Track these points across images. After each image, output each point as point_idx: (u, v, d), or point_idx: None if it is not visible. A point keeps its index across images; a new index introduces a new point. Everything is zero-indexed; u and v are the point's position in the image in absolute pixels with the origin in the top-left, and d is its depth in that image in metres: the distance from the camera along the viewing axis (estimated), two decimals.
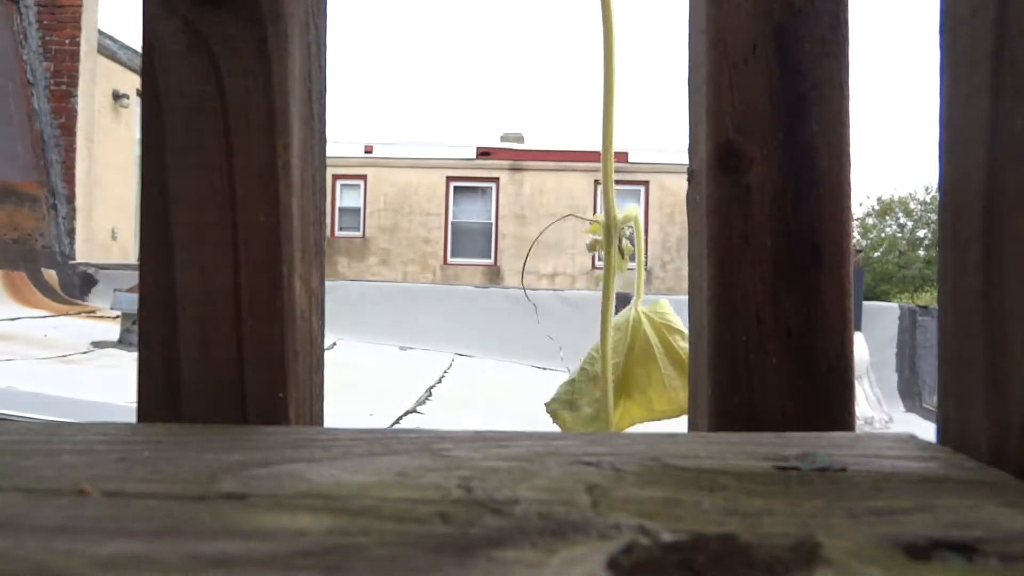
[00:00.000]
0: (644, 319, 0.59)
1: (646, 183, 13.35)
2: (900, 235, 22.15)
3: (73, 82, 7.43)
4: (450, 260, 14.04)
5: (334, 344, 5.68)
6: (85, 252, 7.61)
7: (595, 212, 0.58)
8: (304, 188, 0.38)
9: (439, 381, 4.76)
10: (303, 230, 0.38)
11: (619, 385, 0.58)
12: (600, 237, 0.57)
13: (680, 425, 0.46)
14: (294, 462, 0.29)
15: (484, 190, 14.05)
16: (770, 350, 0.39)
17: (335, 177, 13.77)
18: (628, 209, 0.58)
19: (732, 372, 0.39)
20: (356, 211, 14.18)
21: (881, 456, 0.31)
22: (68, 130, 7.41)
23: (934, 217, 20.74)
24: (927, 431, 0.32)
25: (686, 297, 0.45)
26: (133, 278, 5.91)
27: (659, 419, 0.59)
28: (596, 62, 0.56)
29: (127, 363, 4.24)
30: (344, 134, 14.80)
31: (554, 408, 0.59)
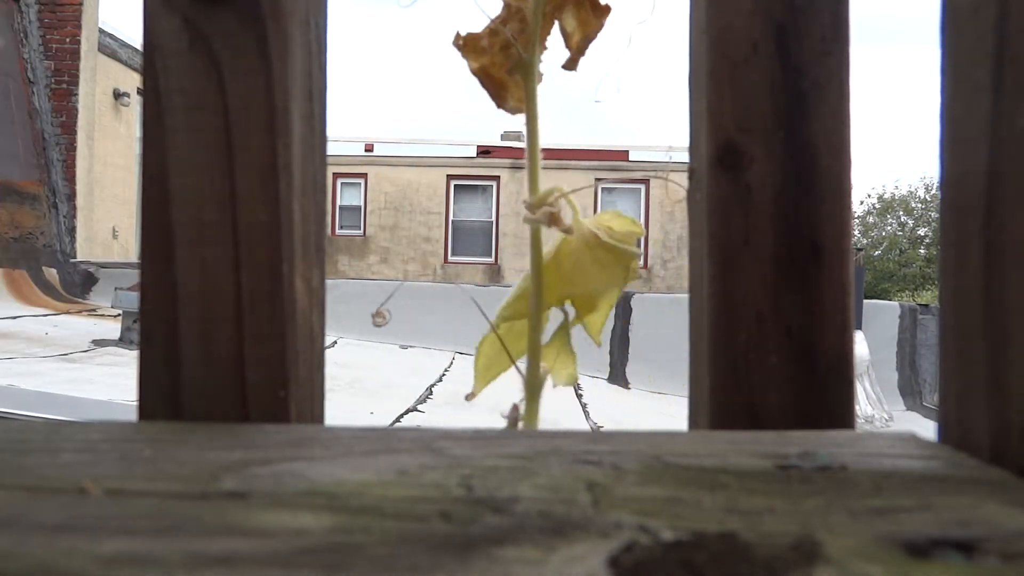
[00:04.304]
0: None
1: (646, 182, 13.33)
2: (901, 233, 22.12)
3: (74, 80, 7.44)
4: (451, 259, 14.03)
5: (334, 343, 5.68)
6: (86, 250, 7.61)
7: (596, 211, 0.51)
8: (305, 187, 0.38)
9: (440, 379, 4.76)
10: (304, 229, 0.38)
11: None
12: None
13: (680, 424, 0.45)
14: (295, 460, 0.29)
15: (485, 188, 14.04)
16: (770, 349, 0.39)
17: (336, 175, 13.77)
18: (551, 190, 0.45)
19: (732, 371, 0.39)
20: (357, 209, 14.18)
21: (882, 455, 0.31)
22: (69, 128, 7.42)
23: (935, 215, 20.72)
24: (928, 429, 0.32)
25: (686, 295, 0.45)
26: (134, 276, 5.91)
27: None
28: (595, 61, 0.56)
29: (128, 361, 4.24)
30: (345, 132, 14.79)
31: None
